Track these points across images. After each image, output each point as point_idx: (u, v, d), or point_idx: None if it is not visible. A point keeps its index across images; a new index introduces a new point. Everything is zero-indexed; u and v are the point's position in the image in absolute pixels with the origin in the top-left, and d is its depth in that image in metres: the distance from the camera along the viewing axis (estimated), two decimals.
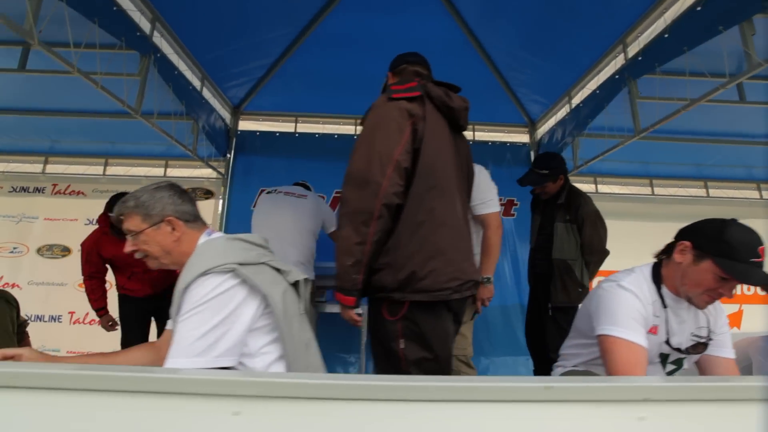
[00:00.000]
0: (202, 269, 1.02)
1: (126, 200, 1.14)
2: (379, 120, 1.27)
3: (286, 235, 2.45)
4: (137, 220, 1.13)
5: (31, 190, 3.72)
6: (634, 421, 0.58)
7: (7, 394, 0.58)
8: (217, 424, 0.58)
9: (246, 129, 3.84)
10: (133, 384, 0.59)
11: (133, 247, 1.15)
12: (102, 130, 3.57)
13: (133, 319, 2.76)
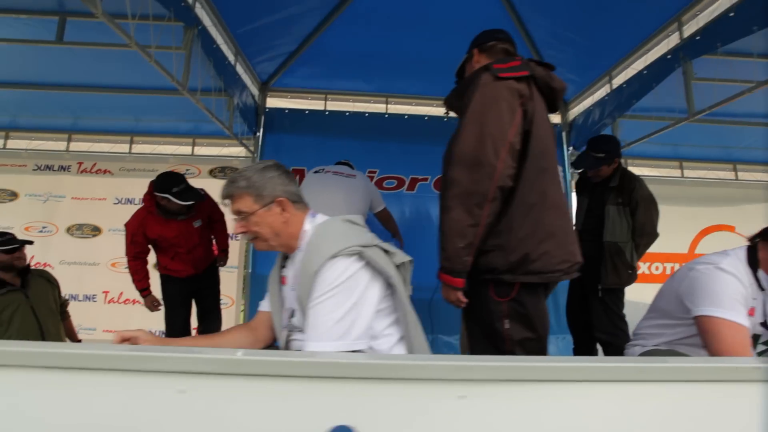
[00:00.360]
0: (331, 252, 1.02)
1: (235, 180, 1.12)
2: (488, 100, 1.24)
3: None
4: (249, 200, 1.11)
5: (55, 169, 3.63)
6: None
7: (141, 378, 0.57)
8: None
9: (274, 106, 3.75)
10: (300, 369, 0.59)
11: (243, 228, 1.14)
12: (126, 107, 3.47)
13: (177, 300, 2.77)
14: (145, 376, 0.55)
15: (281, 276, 1.30)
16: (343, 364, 0.58)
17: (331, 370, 0.57)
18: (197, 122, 3.63)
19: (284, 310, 1.25)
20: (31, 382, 0.56)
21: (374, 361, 0.62)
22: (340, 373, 0.57)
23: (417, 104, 3.88)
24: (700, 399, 0.61)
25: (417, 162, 3.70)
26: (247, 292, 3.52)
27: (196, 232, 2.73)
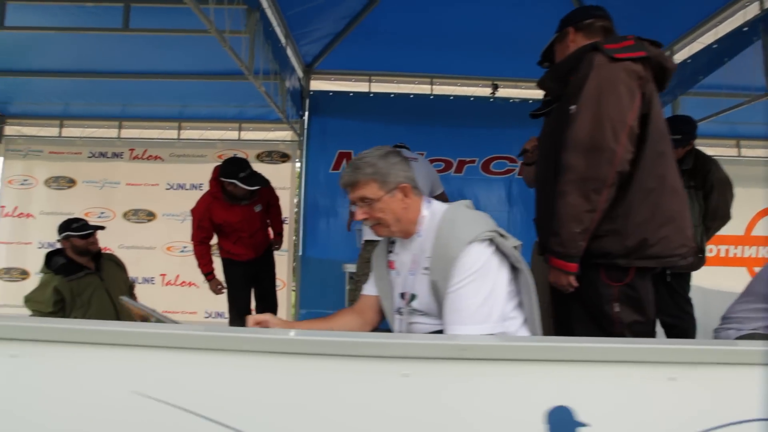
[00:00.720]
0: (469, 237, 1.03)
1: (360, 167, 1.13)
2: (605, 82, 1.21)
3: None
4: (374, 187, 1.13)
5: (109, 155, 3.72)
6: None
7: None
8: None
9: (318, 89, 3.73)
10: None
11: (365, 215, 1.16)
12: (174, 93, 3.50)
13: (240, 282, 2.85)
14: (370, 362, 0.58)
15: (388, 261, 1.32)
16: (560, 348, 0.60)
17: (548, 353, 0.59)
18: (243, 107, 3.65)
19: (395, 294, 1.28)
20: (265, 365, 0.59)
21: (589, 344, 0.64)
22: (557, 356, 0.59)
23: (462, 84, 3.80)
24: None
25: (464, 144, 3.66)
26: (298, 274, 3.59)
27: (258, 217, 2.79)
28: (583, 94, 1.23)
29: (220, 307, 3.60)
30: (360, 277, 2.47)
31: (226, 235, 2.76)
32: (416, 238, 1.18)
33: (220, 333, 0.63)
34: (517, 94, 3.81)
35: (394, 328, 1.26)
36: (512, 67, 3.73)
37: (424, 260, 1.14)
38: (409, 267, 1.20)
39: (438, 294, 1.07)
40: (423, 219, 1.18)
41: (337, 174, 3.62)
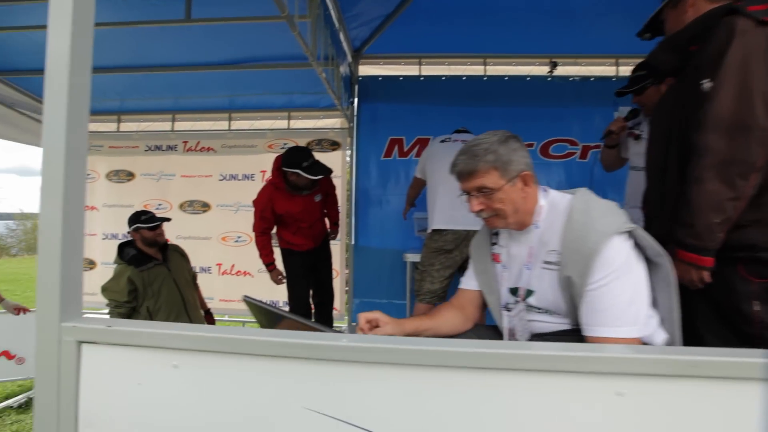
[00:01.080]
0: (610, 230, 0.94)
1: (478, 154, 1.05)
2: (752, 51, 1.06)
3: None
4: (495, 175, 1.05)
5: (164, 149, 3.80)
6: None
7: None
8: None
9: (366, 74, 3.63)
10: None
11: (482, 206, 1.09)
12: (223, 83, 3.50)
13: (300, 272, 2.85)
14: (580, 378, 0.51)
15: (492, 253, 1.24)
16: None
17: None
18: (291, 95, 3.60)
19: (501, 289, 1.20)
20: (447, 380, 0.54)
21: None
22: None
23: (517, 63, 3.59)
24: None
25: (520, 127, 3.38)
26: (351, 263, 3.58)
27: (317, 207, 2.77)
28: (724, 65, 1.08)
29: (275, 295, 3.65)
30: (426, 267, 2.40)
31: (287, 225, 2.76)
32: (533, 230, 1.10)
33: (393, 345, 0.57)
34: (577, 72, 3.57)
35: (503, 325, 1.19)
36: (572, 43, 3.49)
37: (547, 254, 1.06)
38: (524, 260, 1.12)
39: (571, 291, 0.98)
40: (540, 209, 1.09)
41: (388, 161, 3.54)
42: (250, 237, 3.70)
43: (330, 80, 2.67)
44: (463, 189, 1.11)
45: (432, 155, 2.44)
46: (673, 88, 1.33)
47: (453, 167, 1.10)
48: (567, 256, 0.98)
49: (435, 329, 1.18)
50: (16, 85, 3.37)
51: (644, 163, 1.79)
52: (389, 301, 3.53)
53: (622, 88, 2.09)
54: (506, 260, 1.19)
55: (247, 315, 3.84)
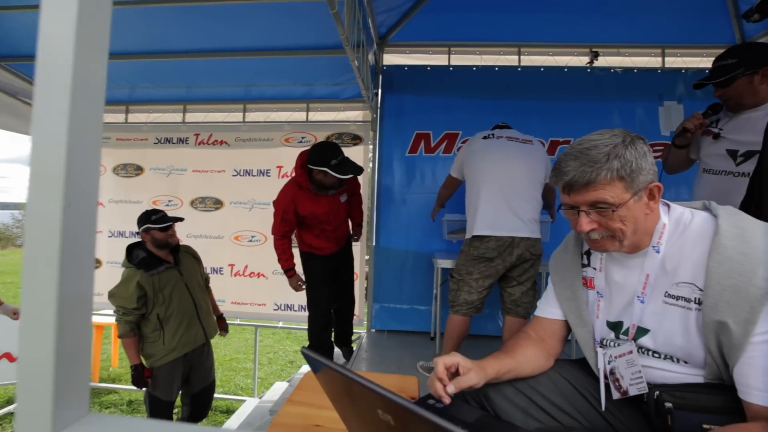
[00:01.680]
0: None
1: (596, 159, 0.80)
2: None
3: (522, 189, 2.09)
4: (619, 188, 0.81)
5: (174, 141, 3.59)
6: None
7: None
8: None
9: (392, 63, 3.39)
10: None
11: (594, 224, 0.84)
12: (238, 72, 3.27)
13: (321, 278, 2.62)
14: None
15: (583, 277, 1.00)
16: None
17: None
18: (310, 85, 3.37)
19: (595, 321, 0.96)
20: None
21: None
22: None
23: (555, 53, 3.34)
24: None
25: (557, 122, 3.22)
26: (371, 265, 3.35)
27: (343, 207, 2.53)
28: None
29: (290, 299, 3.44)
30: (463, 275, 2.16)
31: (309, 227, 2.53)
32: (650, 253, 0.86)
33: None
34: (619, 63, 3.31)
35: (597, 365, 0.95)
36: (613, 31, 3.24)
37: (675, 287, 0.82)
38: (635, 290, 0.88)
39: (722, 339, 0.74)
40: (661, 228, 0.85)
41: (414, 157, 3.30)
42: (264, 236, 3.48)
43: (360, 68, 2.43)
44: (570, 203, 0.86)
45: (472, 153, 2.20)
46: None
47: (559, 175, 0.85)
48: (719, 295, 0.74)
49: (517, 370, 0.95)
50: (19, 72, 3.16)
51: (730, 167, 1.54)
52: (412, 306, 3.30)
53: (704, 79, 1.81)
54: (603, 287, 0.95)
55: (260, 319, 3.62)
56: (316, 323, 2.64)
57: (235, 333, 5.84)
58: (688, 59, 3.26)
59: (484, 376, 0.85)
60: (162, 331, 2.34)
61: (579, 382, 0.98)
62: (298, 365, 4.47)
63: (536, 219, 2.12)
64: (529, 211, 2.09)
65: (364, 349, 2.91)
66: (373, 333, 3.31)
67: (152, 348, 2.33)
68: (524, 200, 2.08)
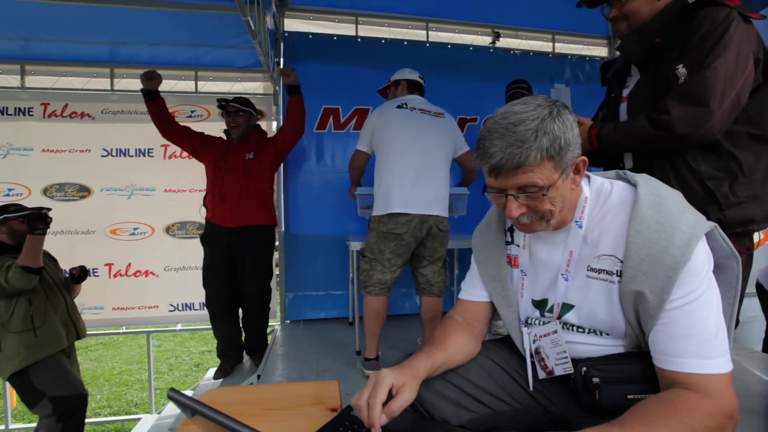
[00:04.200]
0: (697, 233, 0.71)
1: (526, 138, 0.72)
2: (740, 43, 1.05)
3: (436, 166, 2.05)
4: (549, 168, 0.75)
5: (11, 112, 2.78)
6: None
7: None
8: None
9: (294, 29, 3.06)
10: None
11: (524, 209, 0.78)
12: (103, 25, 2.61)
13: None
14: None
15: (508, 255, 0.97)
16: None
17: None
18: (197, 47, 2.87)
19: (520, 300, 0.94)
20: None
21: None
22: None
23: (461, 31, 3.36)
24: None
25: (465, 100, 3.28)
26: (282, 253, 3.10)
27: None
28: (713, 53, 1.06)
29: (187, 297, 3.03)
30: (375, 254, 2.07)
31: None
32: (573, 228, 0.84)
33: None
34: (517, 45, 3.47)
35: (523, 345, 0.93)
36: (513, 14, 3.38)
37: (597, 260, 0.81)
38: (559, 267, 0.86)
39: (640, 309, 0.74)
40: (583, 202, 0.83)
41: (322, 134, 3.08)
42: (152, 228, 2.96)
43: (256, 30, 2.10)
44: (498, 186, 0.77)
45: (385, 124, 2.08)
46: (645, 80, 1.25)
47: (484, 157, 0.74)
48: (637, 265, 0.73)
49: (450, 362, 0.89)
50: None
51: None
52: (327, 292, 3.16)
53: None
54: (527, 265, 0.92)
55: (154, 324, 3.13)
56: None
57: (124, 341, 5.05)
58: (574, 46, 3.56)
59: (417, 382, 0.76)
60: (33, 327, 2.04)
61: (506, 362, 0.96)
62: (206, 368, 4.04)
63: (446, 197, 2.12)
64: (443, 189, 2.08)
65: (278, 344, 2.70)
66: (287, 324, 3.10)
67: (22, 346, 2.00)
68: (438, 178, 2.06)
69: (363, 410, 0.68)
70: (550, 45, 3.53)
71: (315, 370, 2.26)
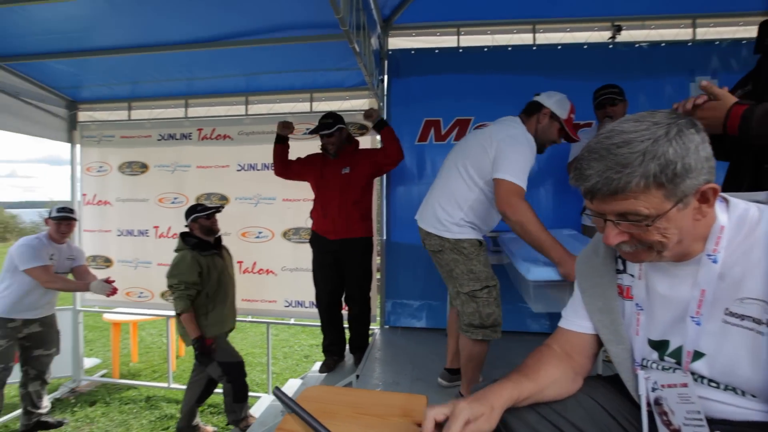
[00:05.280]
0: None
1: (630, 162, 0.63)
2: None
3: (446, 183, 1.93)
4: (657, 198, 0.64)
5: (178, 137, 3.51)
6: None
7: None
8: None
9: (397, 47, 3.21)
10: None
11: (624, 237, 0.70)
12: (240, 62, 3.13)
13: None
14: None
15: (619, 285, 0.86)
16: None
17: None
18: (314, 72, 3.21)
19: (634, 338, 0.82)
20: None
21: None
22: None
23: (573, 29, 3.10)
24: None
25: (578, 103, 2.98)
26: (383, 261, 3.24)
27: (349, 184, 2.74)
28: None
29: (300, 295, 3.37)
30: (495, 280, 1.91)
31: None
32: (704, 262, 0.70)
33: None
34: (645, 36, 3.05)
35: (638, 391, 0.81)
36: (637, 2, 2.98)
37: (737, 304, 0.67)
38: (687, 307, 0.73)
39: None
40: (718, 231, 0.69)
41: (423, 146, 3.15)
42: (272, 232, 3.40)
43: (361, 53, 2.27)
44: (595, 210, 0.71)
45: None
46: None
47: (579, 178, 0.68)
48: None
49: (539, 395, 0.82)
50: (18, 71, 3.11)
51: None
52: (426, 302, 3.19)
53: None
54: (644, 299, 0.81)
55: (271, 316, 3.57)
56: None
57: (250, 328, 5.86)
58: (722, 29, 2.98)
59: (495, 414, 0.73)
60: (208, 308, 2.64)
61: (614, 406, 0.85)
62: (313, 360, 4.43)
63: (447, 219, 1.83)
64: (445, 210, 1.85)
65: (377, 348, 2.83)
66: (386, 329, 3.22)
67: (200, 321, 2.58)
68: (444, 197, 1.87)
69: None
70: (688, 32, 3.01)
71: (410, 377, 2.30)
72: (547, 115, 1.87)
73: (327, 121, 2.59)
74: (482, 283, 1.77)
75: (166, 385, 3.73)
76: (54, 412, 3.28)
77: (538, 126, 1.87)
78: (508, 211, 1.61)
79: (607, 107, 2.42)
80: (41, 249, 2.73)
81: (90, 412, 3.36)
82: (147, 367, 4.47)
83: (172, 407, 3.46)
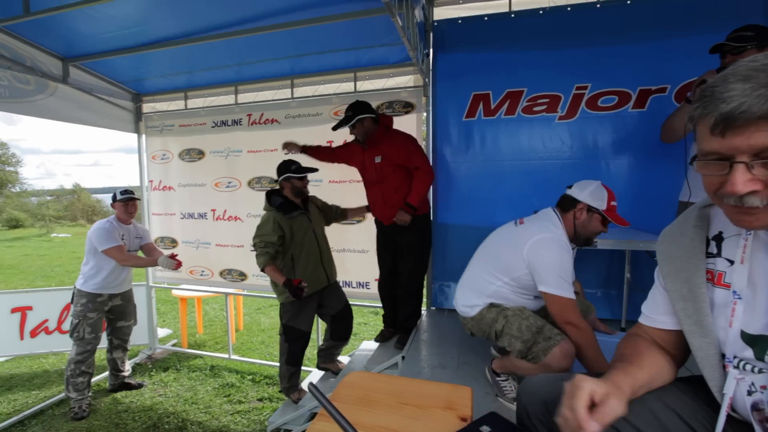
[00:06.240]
0: None
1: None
2: None
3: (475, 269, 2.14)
4: None
5: (229, 123, 3.65)
6: None
7: None
8: None
9: (442, 17, 3.03)
10: None
11: (756, 185, 0.59)
12: (283, 44, 3.12)
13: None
14: None
15: (709, 270, 0.73)
16: None
17: None
18: (356, 50, 3.14)
19: (723, 332, 0.70)
20: None
21: None
22: None
23: None
24: None
25: (648, 67, 2.66)
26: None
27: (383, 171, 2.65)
28: None
29: (346, 276, 3.41)
30: None
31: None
32: None
33: None
34: None
35: (723, 388, 0.69)
36: None
37: None
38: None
39: None
40: None
41: (471, 122, 2.98)
42: None
43: (404, 26, 2.16)
44: (722, 150, 0.58)
45: None
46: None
47: (712, 103, 0.57)
48: None
49: (649, 385, 0.77)
50: (91, 69, 3.38)
51: None
52: None
53: (719, 43, 1.85)
54: (744, 286, 0.68)
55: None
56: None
57: None
58: None
59: (624, 398, 0.67)
60: (293, 271, 2.63)
61: (690, 413, 0.74)
62: (361, 338, 4.54)
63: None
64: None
65: (423, 329, 2.80)
66: (433, 311, 3.18)
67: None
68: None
69: (569, 419, 0.62)
70: None
71: (456, 362, 2.25)
72: (583, 209, 1.68)
73: (348, 114, 2.58)
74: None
75: (227, 356, 4.02)
76: (135, 375, 3.69)
77: (576, 222, 1.70)
78: (569, 331, 1.59)
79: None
80: (113, 231, 3.01)
81: (164, 377, 3.73)
82: (211, 338, 4.86)
83: (232, 376, 3.73)
